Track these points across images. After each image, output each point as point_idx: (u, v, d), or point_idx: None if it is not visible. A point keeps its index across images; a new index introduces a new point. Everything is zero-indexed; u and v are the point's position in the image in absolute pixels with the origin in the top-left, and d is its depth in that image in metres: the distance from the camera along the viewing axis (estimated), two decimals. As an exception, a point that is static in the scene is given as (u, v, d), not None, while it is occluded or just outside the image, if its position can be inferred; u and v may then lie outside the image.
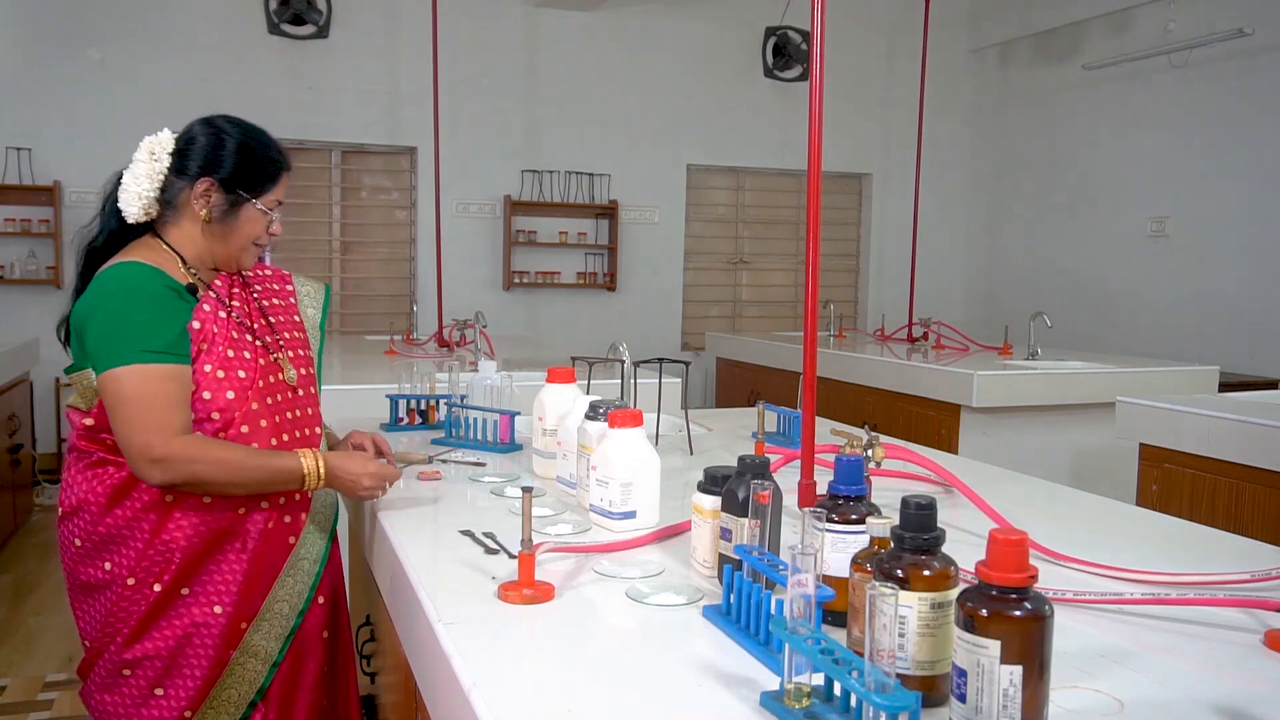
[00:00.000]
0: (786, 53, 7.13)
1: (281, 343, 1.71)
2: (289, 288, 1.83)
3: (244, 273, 1.74)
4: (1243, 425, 2.52)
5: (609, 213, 6.84)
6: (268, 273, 1.82)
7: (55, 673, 3.17)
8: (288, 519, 1.65)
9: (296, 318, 1.80)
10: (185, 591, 1.56)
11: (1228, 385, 4.30)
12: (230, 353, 1.58)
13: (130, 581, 1.55)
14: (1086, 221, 6.77)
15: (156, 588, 1.55)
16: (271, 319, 1.73)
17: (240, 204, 1.62)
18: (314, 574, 1.69)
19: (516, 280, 6.74)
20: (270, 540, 1.62)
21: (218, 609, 1.57)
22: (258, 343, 1.65)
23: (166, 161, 1.60)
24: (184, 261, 1.62)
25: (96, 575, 1.57)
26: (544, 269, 6.84)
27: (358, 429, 1.87)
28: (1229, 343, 5.74)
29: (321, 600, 1.71)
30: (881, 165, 7.47)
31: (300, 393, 1.70)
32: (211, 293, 1.64)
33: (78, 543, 1.57)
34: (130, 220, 1.61)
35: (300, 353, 1.74)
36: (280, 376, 1.66)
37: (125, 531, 1.55)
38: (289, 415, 1.65)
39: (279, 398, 1.64)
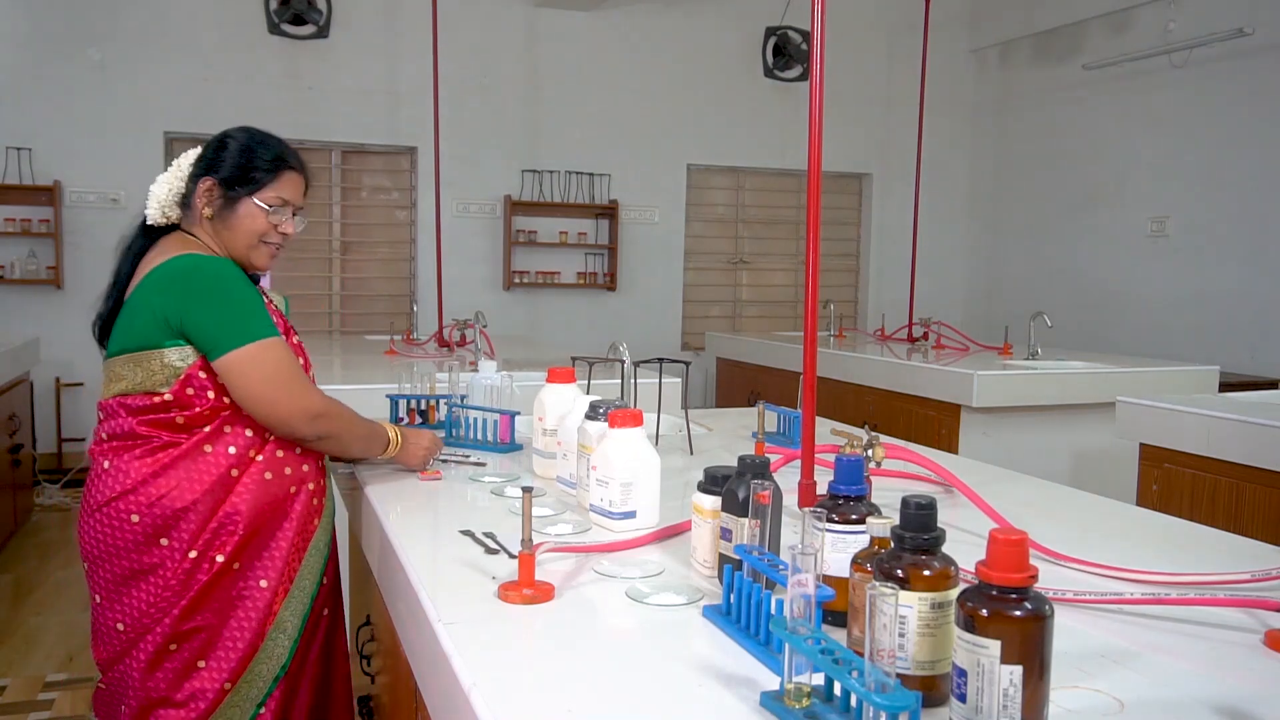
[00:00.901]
0: (786, 53, 7.13)
1: (300, 343, 1.84)
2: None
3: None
4: (1243, 425, 2.51)
5: (609, 213, 6.84)
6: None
7: (55, 673, 3.17)
8: (316, 501, 1.75)
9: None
10: (237, 566, 1.64)
11: (1228, 385, 4.30)
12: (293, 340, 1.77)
13: (191, 555, 1.60)
14: (1086, 221, 6.77)
15: (219, 559, 1.62)
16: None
17: (237, 199, 1.71)
18: (325, 554, 1.78)
19: (516, 280, 6.74)
20: (306, 519, 1.73)
21: (264, 583, 1.66)
22: (296, 338, 1.81)
23: (186, 169, 1.74)
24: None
25: (151, 556, 1.60)
26: (544, 269, 6.84)
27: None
28: (1229, 343, 5.74)
29: (325, 580, 1.78)
30: (881, 165, 7.47)
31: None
32: (263, 288, 1.80)
33: (135, 519, 1.60)
34: (149, 221, 1.73)
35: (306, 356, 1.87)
36: (309, 374, 1.81)
37: (192, 504, 1.60)
38: None
39: None
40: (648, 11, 6.86)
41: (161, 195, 1.73)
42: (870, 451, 1.72)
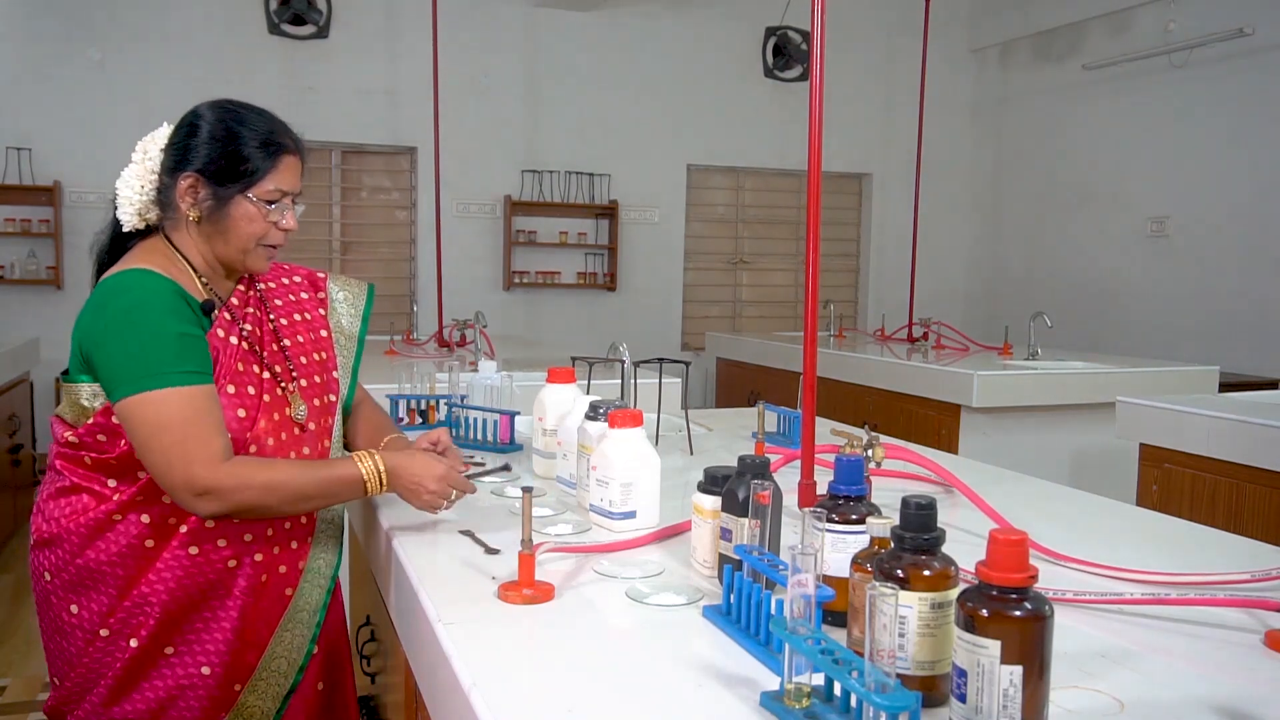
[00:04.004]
0: (786, 53, 7.13)
1: (294, 372, 1.54)
2: (320, 295, 1.66)
3: (262, 284, 1.59)
4: (1243, 425, 2.51)
5: (609, 213, 6.84)
6: (296, 279, 1.66)
7: (55, 673, 3.17)
8: (283, 569, 1.51)
9: (324, 332, 1.63)
10: (169, 651, 1.44)
11: (1228, 385, 4.30)
12: (232, 389, 1.45)
13: (104, 633, 1.43)
14: (1086, 221, 6.77)
15: (133, 643, 1.42)
16: (286, 341, 1.56)
17: (229, 198, 1.44)
18: (314, 625, 1.56)
19: (516, 280, 6.74)
20: (264, 594, 1.49)
21: (205, 670, 1.45)
22: (265, 374, 1.50)
23: (157, 160, 1.47)
24: (195, 270, 1.48)
25: (63, 616, 1.45)
26: (544, 269, 6.84)
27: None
28: (1229, 343, 5.74)
29: (316, 651, 1.57)
30: (881, 165, 7.47)
31: (312, 426, 1.54)
32: (227, 314, 1.49)
33: (47, 577, 1.46)
34: (126, 229, 1.50)
35: (317, 380, 1.57)
36: (287, 412, 1.50)
37: (98, 574, 1.42)
38: (292, 456, 1.50)
39: (283, 436, 1.48)
40: (648, 11, 6.86)
41: (133, 196, 1.47)
42: (870, 451, 1.72)
